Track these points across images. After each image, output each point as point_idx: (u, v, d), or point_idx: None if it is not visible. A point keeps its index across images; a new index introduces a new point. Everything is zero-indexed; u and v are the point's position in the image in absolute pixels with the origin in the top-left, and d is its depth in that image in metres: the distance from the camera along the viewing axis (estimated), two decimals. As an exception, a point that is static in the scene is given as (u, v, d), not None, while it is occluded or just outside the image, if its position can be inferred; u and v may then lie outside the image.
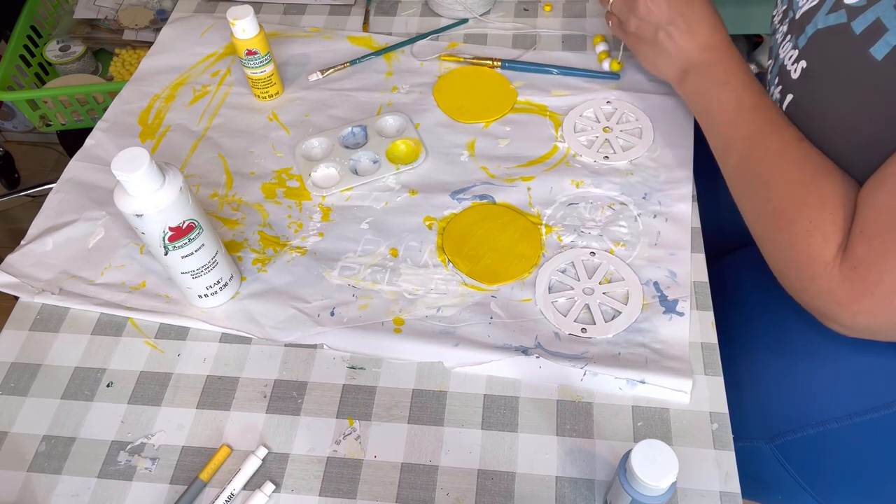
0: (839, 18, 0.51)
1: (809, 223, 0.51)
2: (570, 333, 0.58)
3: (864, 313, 0.48)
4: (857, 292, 0.48)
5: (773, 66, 0.62)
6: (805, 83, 0.55)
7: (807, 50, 0.54)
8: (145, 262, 0.65)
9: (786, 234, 0.53)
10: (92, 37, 1.24)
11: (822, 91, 0.53)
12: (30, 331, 0.62)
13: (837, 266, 0.49)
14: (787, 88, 0.57)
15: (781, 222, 0.53)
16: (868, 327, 0.50)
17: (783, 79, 0.58)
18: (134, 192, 0.50)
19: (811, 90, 0.54)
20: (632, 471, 0.42)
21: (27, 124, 1.67)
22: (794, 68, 0.56)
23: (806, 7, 0.55)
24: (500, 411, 0.55)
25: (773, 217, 0.54)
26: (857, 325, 0.50)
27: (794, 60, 0.56)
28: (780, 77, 0.58)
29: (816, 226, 0.51)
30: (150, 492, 0.52)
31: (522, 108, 0.76)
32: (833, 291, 0.49)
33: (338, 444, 0.54)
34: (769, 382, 0.63)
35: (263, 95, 0.79)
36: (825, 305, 0.51)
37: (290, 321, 0.60)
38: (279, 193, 0.70)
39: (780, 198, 0.53)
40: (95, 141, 0.76)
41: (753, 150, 0.57)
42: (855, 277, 0.48)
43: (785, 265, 0.54)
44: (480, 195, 0.68)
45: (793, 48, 0.56)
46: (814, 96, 0.54)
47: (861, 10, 0.48)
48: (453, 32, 0.86)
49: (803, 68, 0.54)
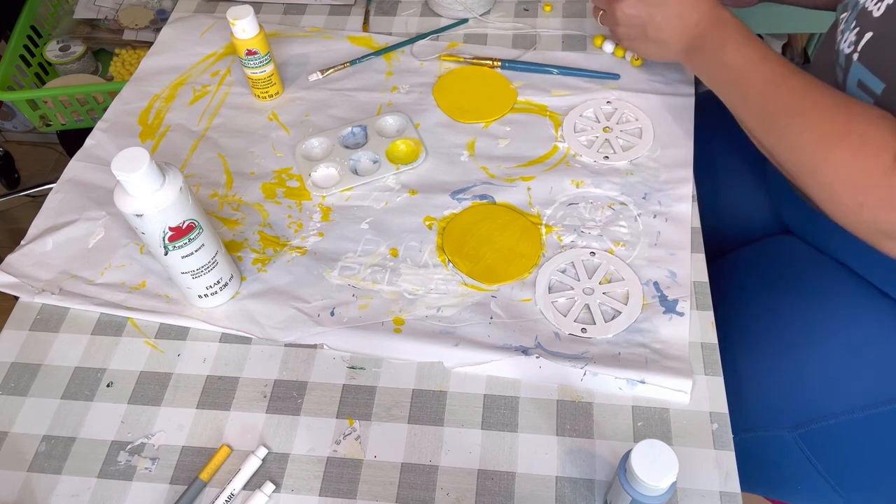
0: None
1: (859, 137, 0.50)
2: (570, 333, 0.58)
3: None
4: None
5: (850, 14, 0.60)
6: (889, 18, 0.53)
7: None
8: (145, 262, 0.65)
9: (834, 154, 0.51)
10: (92, 37, 1.24)
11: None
12: (30, 331, 0.62)
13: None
14: (865, 27, 0.55)
15: (827, 143, 0.52)
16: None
17: (862, 19, 0.56)
18: (134, 192, 0.50)
19: (894, 25, 0.53)
20: (632, 471, 0.42)
21: (27, 124, 1.67)
22: (877, 7, 0.54)
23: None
24: (500, 411, 0.55)
25: (816, 144, 0.53)
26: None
27: (878, 0, 0.54)
28: (859, 19, 0.57)
29: (868, 138, 0.50)
30: (150, 492, 0.52)
31: (522, 108, 0.76)
32: (893, 197, 0.49)
33: (338, 444, 0.54)
34: (787, 371, 0.63)
35: (263, 95, 0.79)
36: (884, 216, 0.50)
37: (290, 321, 0.60)
38: (279, 193, 0.70)
39: (820, 123, 0.53)
40: (95, 141, 0.76)
41: (777, 90, 0.57)
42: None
43: (836, 188, 0.52)
44: (480, 195, 0.68)
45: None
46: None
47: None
48: (453, 32, 0.86)
49: (889, 5, 0.53)
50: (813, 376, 0.62)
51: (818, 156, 0.53)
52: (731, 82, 0.61)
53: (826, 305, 0.64)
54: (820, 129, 0.53)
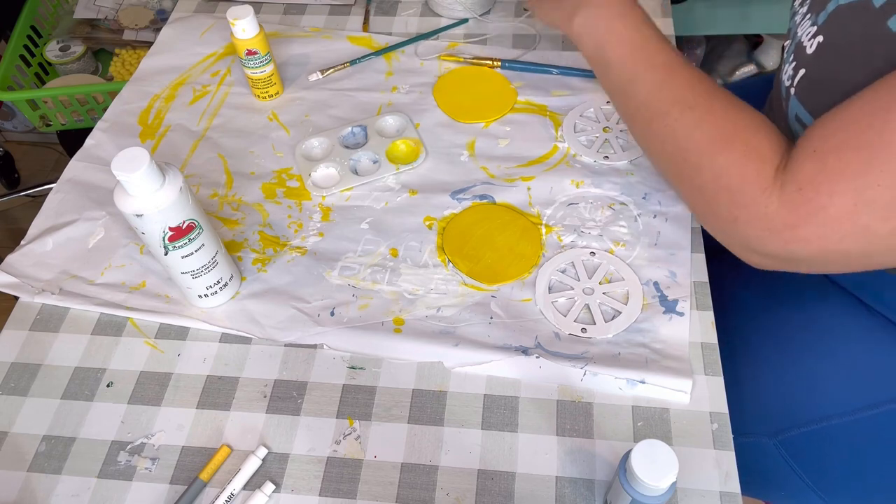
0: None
1: (744, 146, 0.48)
2: (570, 333, 0.58)
3: (800, 240, 0.46)
4: (798, 216, 0.45)
5: (790, 45, 0.59)
6: (819, 57, 0.52)
7: (825, 26, 0.52)
8: (145, 262, 0.65)
9: (718, 161, 0.49)
10: (92, 37, 1.24)
11: (835, 64, 0.51)
12: (30, 331, 0.62)
13: (777, 189, 0.46)
14: (800, 64, 0.55)
15: (714, 146, 0.50)
16: (796, 256, 0.47)
17: (798, 55, 0.55)
18: (134, 192, 0.50)
19: (825, 64, 0.52)
20: (632, 471, 0.42)
21: (27, 124, 1.67)
22: (810, 43, 0.54)
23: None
24: (500, 411, 0.55)
25: (703, 144, 0.50)
26: (787, 253, 0.47)
27: (812, 36, 0.54)
28: (796, 53, 0.56)
29: (752, 148, 0.48)
30: (150, 492, 0.52)
31: (522, 108, 0.76)
32: (768, 217, 0.47)
33: (338, 444, 0.54)
34: (771, 378, 0.63)
35: (263, 95, 0.79)
36: (755, 233, 0.48)
37: (290, 321, 0.60)
38: (279, 193, 0.70)
39: (711, 123, 0.50)
40: (95, 141, 0.76)
41: (670, 77, 0.54)
42: (799, 199, 0.45)
43: (713, 196, 0.50)
44: (480, 195, 0.68)
45: (811, 25, 0.54)
46: (827, 69, 0.52)
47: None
48: (453, 32, 0.86)
49: (819, 43, 0.52)
50: (793, 383, 0.62)
51: (704, 158, 0.50)
52: (621, 57, 0.57)
53: (809, 315, 0.64)
54: (710, 128, 0.50)
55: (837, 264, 0.48)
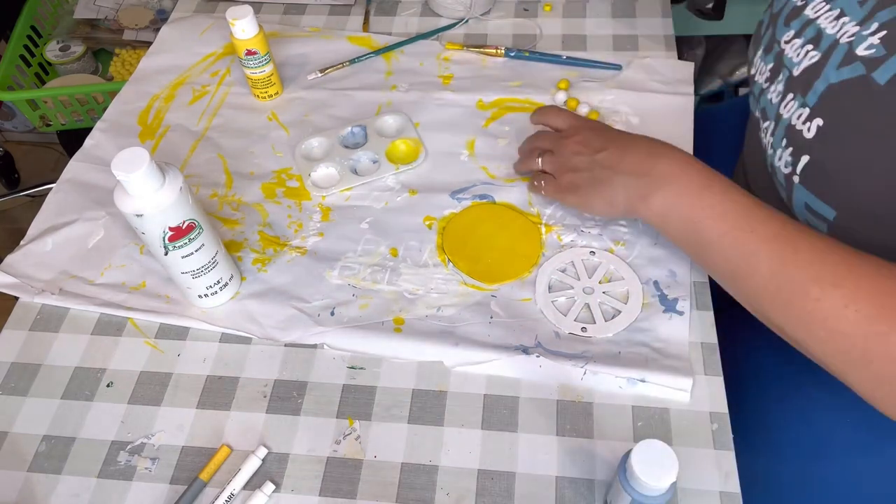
0: (855, 71, 0.47)
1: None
2: (570, 332, 0.58)
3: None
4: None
5: (774, 128, 0.55)
6: (824, 142, 0.49)
7: (820, 106, 0.49)
8: (145, 262, 0.65)
9: (892, 343, 0.41)
10: (92, 37, 1.24)
11: (846, 148, 0.48)
12: (30, 331, 0.62)
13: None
14: (800, 149, 0.51)
15: (878, 328, 0.41)
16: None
17: (793, 140, 0.52)
18: (134, 192, 0.50)
19: (833, 149, 0.49)
20: (632, 471, 0.42)
21: (27, 124, 1.67)
22: (805, 127, 0.50)
23: (806, 64, 0.51)
24: (500, 411, 0.55)
25: (863, 328, 0.42)
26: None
27: (806, 119, 0.50)
28: (789, 138, 0.52)
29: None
30: (150, 492, 0.52)
31: (522, 107, 0.76)
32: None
33: (338, 444, 0.54)
34: (794, 469, 0.59)
35: (263, 95, 0.79)
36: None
37: (290, 321, 0.60)
38: (279, 193, 0.70)
39: (864, 300, 0.42)
40: (95, 141, 0.76)
41: (794, 250, 0.46)
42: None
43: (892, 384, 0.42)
44: (480, 195, 0.68)
45: (801, 106, 0.51)
46: (837, 154, 0.48)
47: (882, 61, 0.45)
48: (453, 32, 0.86)
49: (819, 126, 0.49)
50: (820, 477, 0.59)
51: (870, 344, 0.42)
52: (725, 234, 0.49)
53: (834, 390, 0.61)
54: (866, 306, 0.42)
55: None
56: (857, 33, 0.48)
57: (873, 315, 0.42)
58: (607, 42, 0.82)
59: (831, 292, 0.43)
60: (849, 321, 0.43)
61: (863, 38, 0.47)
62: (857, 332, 0.42)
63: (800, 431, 0.60)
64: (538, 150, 0.64)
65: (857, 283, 0.43)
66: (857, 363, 0.43)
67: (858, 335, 0.42)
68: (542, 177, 0.64)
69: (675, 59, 0.79)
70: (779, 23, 0.57)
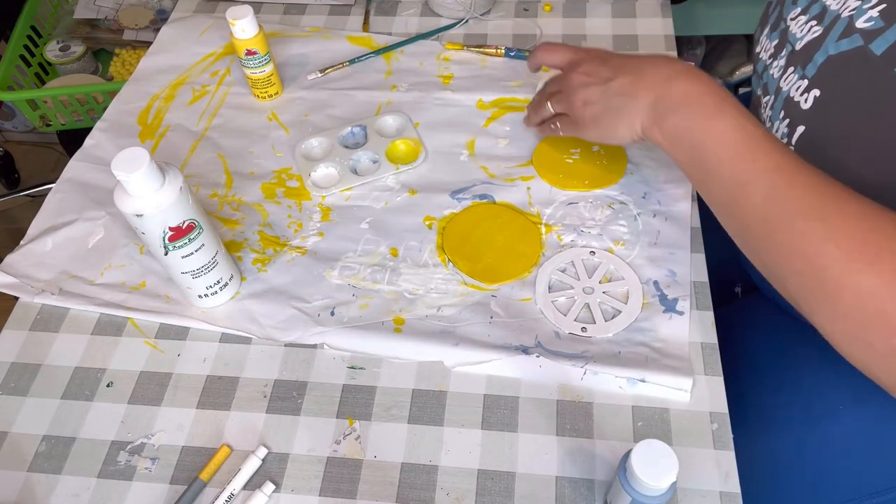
0: (853, 43, 0.47)
1: (894, 261, 0.41)
2: (570, 332, 0.58)
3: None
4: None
5: (773, 101, 0.55)
6: (820, 112, 0.49)
7: (818, 78, 0.49)
8: (145, 262, 0.65)
9: (863, 280, 0.41)
10: (92, 37, 1.24)
11: (841, 118, 0.48)
12: (30, 331, 0.62)
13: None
14: (796, 121, 0.51)
15: (854, 266, 0.42)
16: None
17: (790, 111, 0.52)
18: (134, 192, 0.50)
19: (828, 118, 0.49)
20: (632, 471, 0.42)
21: (27, 124, 1.67)
22: (803, 98, 0.50)
23: (808, 38, 0.52)
24: (500, 411, 0.55)
25: (839, 262, 0.42)
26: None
27: (804, 90, 0.50)
28: (787, 110, 0.53)
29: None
30: (150, 492, 0.52)
31: (522, 107, 0.76)
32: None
33: (338, 444, 0.54)
34: (791, 454, 0.60)
35: (263, 95, 0.79)
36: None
37: (290, 321, 0.60)
38: (279, 193, 0.70)
39: (847, 235, 0.42)
40: (95, 141, 0.76)
41: (789, 181, 0.46)
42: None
43: (863, 323, 0.41)
44: (480, 195, 0.68)
45: (800, 79, 0.51)
46: (832, 124, 0.49)
47: (879, 32, 0.45)
48: (453, 32, 0.86)
49: (816, 97, 0.49)
50: (817, 462, 0.59)
51: (844, 276, 0.42)
52: (725, 161, 0.48)
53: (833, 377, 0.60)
54: (847, 241, 0.42)
55: None
56: (858, 7, 0.48)
57: (852, 251, 0.42)
58: (607, 42, 0.82)
59: (815, 226, 0.43)
60: (828, 255, 0.43)
61: (863, 11, 0.47)
62: (834, 265, 0.42)
63: (795, 412, 0.61)
64: (547, 95, 0.64)
65: (843, 220, 0.43)
66: (828, 298, 0.43)
67: (834, 268, 0.42)
68: (556, 118, 0.63)
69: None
70: (787, 1, 0.58)
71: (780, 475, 0.60)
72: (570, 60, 0.61)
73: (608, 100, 0.56)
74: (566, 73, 0.61)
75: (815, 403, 0.60)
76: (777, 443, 0.61)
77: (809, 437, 0.60)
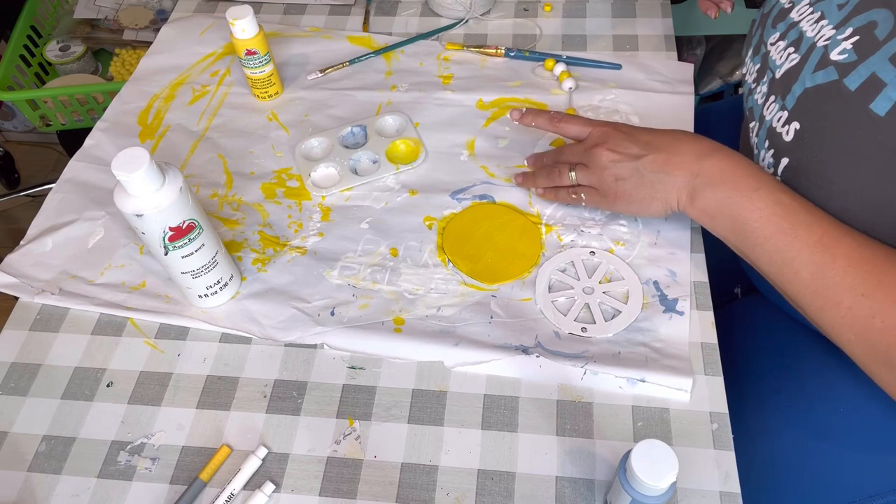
0: (829, 76, 0.48)
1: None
2: (570, 332, 0.58)
3: None
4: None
5: (759, 128, 0.57)
6: (801, 145, 0.51)
7: (797, 110, 0.51)
8: (145, 262, 0.65)
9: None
10: (92, 37, 1.24)
11: (820, 153, 0.49)
12: (30, 331, 0.62)
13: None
14: (780, 152, 0.53)
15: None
16: None
17: (774, 142, 0.53)
18: (134, 192, 0.50)
19: (809, 152, 0.50)
20: (632, 471, 0.42)
21: (27, 124, 1.67)
22: (785, 130, 0.52)
23: (786, 67, 0.53)
24: (500, 411, 0.55)
25: (886, 336, 0.45)
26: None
27: (785, 122, 0.52)
28: (771, 140, 0.54)
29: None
30: (150, 492, 0.52)
31: (522, 107, 0.76)
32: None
33: (338, 444, 0.54)
34: (791, 459, 0.60)
35: (263, 95, 0.79)
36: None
37: (290, 321, 0.60)
38: (279, 193, 0.70)
39: (892, 311, 0.45)
40: (95, 141, 0.76)
41: (832, 258, 0.48)
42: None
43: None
44: (480, 195, 0.68)
45: (780, 109, 0.53)
46: (813, 158, 0.50)
47: (853, 67, 0.46)
48: (453, 32, 0.86)
49: (797, 130, 0.51)
50: (816, 468, 0.60)
51: (893, 349, 0.45)
52: (769, 238, 0.50)
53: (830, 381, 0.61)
54: (892, 315, 0.45)
55: None
56: (833, 37, 0.48)
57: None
58: (607, 42, 0.82)
59: (861, 302, 0.46)
60: (875, 330, 0.45)
61: (837, 42, 0.48)
62: (881, 340, 0.45)
63: (795, 413, 0.61)
64: (565, 164, 0.62)
65: (885, 295, 0.45)
66: (883, 366, 0.46)
67: (882, 343, 0.45)
68: (580, 189, 0.62)
69: (675, 59, 0.80)
70: (767, 24, 0.58)
71: (780, 476, 0.60)
72: (590, 134, 0.61)
73: (641, 176, 0.57)
74: (591, 148, 0.60)
75: (816, 404, 0.60)
76: (777, 443, 0.61)
77: (809, 438, 0.60)
